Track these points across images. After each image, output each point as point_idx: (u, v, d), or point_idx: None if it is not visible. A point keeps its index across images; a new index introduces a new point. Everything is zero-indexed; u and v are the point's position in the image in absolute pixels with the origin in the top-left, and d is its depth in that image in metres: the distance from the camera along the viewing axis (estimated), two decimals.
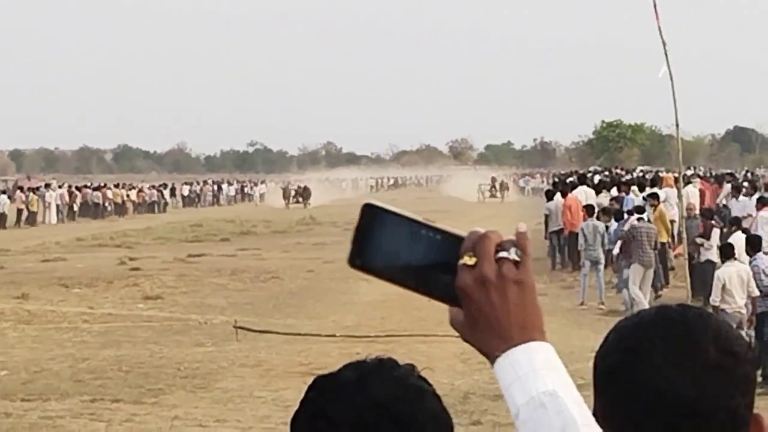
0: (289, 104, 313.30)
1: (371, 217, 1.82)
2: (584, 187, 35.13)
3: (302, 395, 2.04)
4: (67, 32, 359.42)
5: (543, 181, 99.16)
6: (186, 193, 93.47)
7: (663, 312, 1.85)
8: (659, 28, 22.98)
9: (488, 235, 1.66)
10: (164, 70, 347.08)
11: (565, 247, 32.89)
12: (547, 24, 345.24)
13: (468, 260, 1.67)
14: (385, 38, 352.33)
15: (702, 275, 23.55)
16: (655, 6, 23.20)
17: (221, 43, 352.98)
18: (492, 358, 1.66)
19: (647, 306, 23.82)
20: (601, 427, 1.72)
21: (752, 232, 24.94)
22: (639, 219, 25.56)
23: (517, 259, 1.67)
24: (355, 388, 1.95)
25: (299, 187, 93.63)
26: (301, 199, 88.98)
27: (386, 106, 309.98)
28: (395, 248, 1.77)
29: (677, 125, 24.32)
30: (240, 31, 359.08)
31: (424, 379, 2.05)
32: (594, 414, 1.77)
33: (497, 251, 1.67)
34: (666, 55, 23.12)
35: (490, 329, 1.65)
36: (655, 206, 28.60)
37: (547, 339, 1.68)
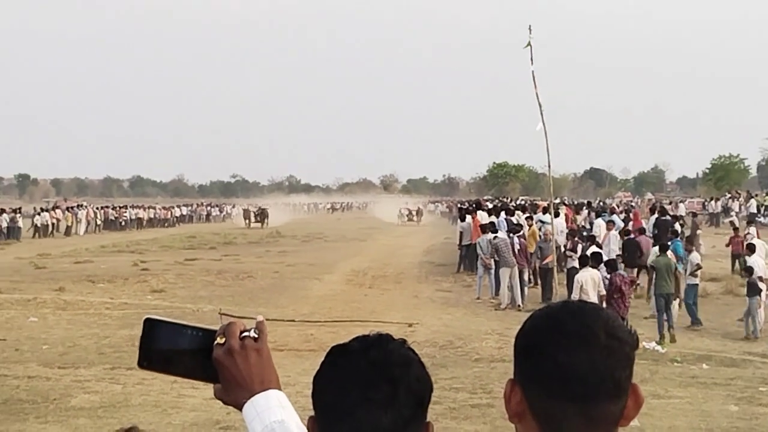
0: (261, 145, 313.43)
1: (150, 328, 1.96)
2: (480, 211, 35.04)
3: (322, 359, 2.06)
4: (93, 86, 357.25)
5: (448, 207, 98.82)
6: (184, 212, 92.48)
7: (566, 306, 1.88)
8: (537, 94, 23.18)
9: (234, 322, 1.92)
10: (167, 116, 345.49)
11: (466, 257, 32.78)
12: (451, 90, 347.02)
13: (220, 340, 1.89)
14: (332, 96, 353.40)
15: (568, 278, 23.74)
16: (534, 78, 23.39)
17: (211, 95, 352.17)
18: (241, 406, 1.89)
19: (519, 295, 24.25)
20: (522, 391, 1.83)
21: (604, 246, 25.24)
22: (495, 237, 25.83)
23: (255, 336, 1.91)
24: (360, 355, 1.98)
25: (258, 209, 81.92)
26: (259, 220, 77.30)
27: (334, 147, 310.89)
28: (171, 348, 1.93)
29: (549, 166, 24.53)
30: (222, 85, 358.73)
31: (412, 350, 2.07)
32: (514, 380, 1.86)
33: (242, 332, 1.90)
34: (541, 114, 23.31)
35: (239, 386, 1.88)
36: (530, 226, 28.79)
37: (281, 388, 1.95)
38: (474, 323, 21.49)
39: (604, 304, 17.99)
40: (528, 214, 32.46)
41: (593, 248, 22.63)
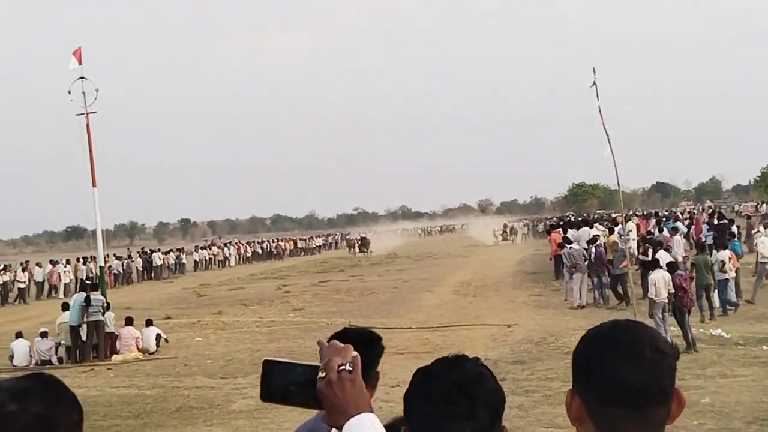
0: (377, 180, 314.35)
1: (268, 367, 2.00)
2: (587, 228, 34.00)
3: (411, 379, 2.11)
4: (234, 142, 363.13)
5: (525, 225, 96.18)
6: (320, 243, 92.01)
7: (616, 325, 1.90)
8: (603, 125, 22.86)
9: (332, 358, 1.91)
10: (299, 162, 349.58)
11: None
12: (535, 121, 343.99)
13: (321, 374, 1.91)
14: (434, 134, 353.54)
15: (642, 279, 23.36)
16: (600, 111, 23.09)
17: (332, 142, 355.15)
18: (340, 428, 1.89)
19: (582, 297, 23.93)
20: (581, 399, 1.86)
21: (671, 251, 24.76)
22: (570, 247, 25.55)
23: (350, 369, 1.91)
24: (441, 375, 2.04)
25: (359, 237, 73.38)
26: (362, 248, 67.77)
27: (438, 180, 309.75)
28: (286, 383, 1.96)
29: (618, 184, 24.14)
30: (341, 132, 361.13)
31: (486, 367, 2.11)
32: (573, 390, 1.88)
33: (339, 366, 1.91)
34: (609, 141, 22.95)
35: (338, 412, 1.88)
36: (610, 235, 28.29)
37: (373, 411, 1.92)
38: (563, 321, 21.23)
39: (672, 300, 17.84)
40: (610, 226, 31.81)
41: (662, 252, 22.20)
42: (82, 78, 23.76)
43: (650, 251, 24.26)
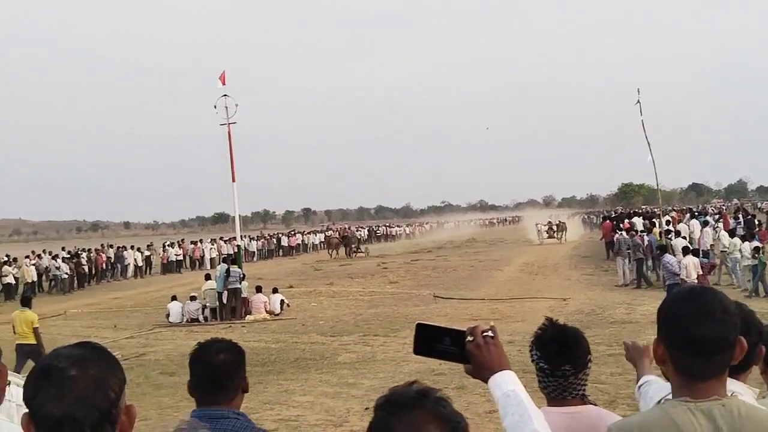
0: (461, 179, 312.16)
1: (421, 329, 2.01)
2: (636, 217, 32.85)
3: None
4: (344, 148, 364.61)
5: (591, 216, 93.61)
6: (408, 231, 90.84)
7: (693, 289, 2.02)
8: (646, 136, 22.36)
9: (478, 326, 1.97)
10: (399, 161, 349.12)
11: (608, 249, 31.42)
12: (592, 130, 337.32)
13: (470, 338, 1.96)
14: (513, 140, 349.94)
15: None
16: (643, 125, 22.59)
17: (428, 143, 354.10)
18: (485, 380, 1.95)
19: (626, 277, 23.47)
20: (664, 346, 1.98)
21: (700, 240, 24.03)
22: (621, 233, 24.91)
23: (492, 335, 1.97)
24: (551, 333, 2.79)
25: (340, 235, 55.18)
26: (350, 249, 48.81)
27: (513, 179, 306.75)
28: (436, 341, 1.99)
29: (657, 185, 23.63)
30: (432, 134, 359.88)
31: (579, 330, 2.83)
32: (658, 338, 2.01)
33: (484, 332, 1.96)
34: (650, 149, 22.45)
35: (484, 368, 1.95)
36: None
37: (511, 369, 1.95)
38: (609, 297, 20.76)
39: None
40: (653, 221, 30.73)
41: (680, 240, 21.65)
42: (225, 96, 24.10)
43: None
